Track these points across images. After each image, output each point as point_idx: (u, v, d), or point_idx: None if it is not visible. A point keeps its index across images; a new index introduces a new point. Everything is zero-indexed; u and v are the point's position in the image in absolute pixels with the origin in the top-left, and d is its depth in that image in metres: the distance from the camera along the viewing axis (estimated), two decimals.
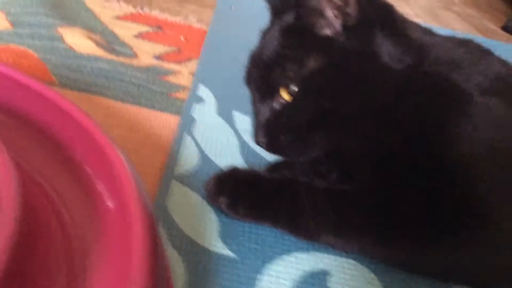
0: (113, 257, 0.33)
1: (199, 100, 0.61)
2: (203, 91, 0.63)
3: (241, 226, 0.44)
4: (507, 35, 1.45)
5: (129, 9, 0.84)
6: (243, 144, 0.55)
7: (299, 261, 0.42)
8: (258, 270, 0.40)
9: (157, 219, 0.41)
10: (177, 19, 0.85)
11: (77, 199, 0.36)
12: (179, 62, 0.70)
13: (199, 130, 0.55)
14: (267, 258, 0.41)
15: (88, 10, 0.77)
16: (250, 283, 0.39)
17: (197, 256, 0.40)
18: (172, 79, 0.65)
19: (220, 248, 0.41)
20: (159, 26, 0.80)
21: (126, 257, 0.31)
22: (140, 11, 0.84)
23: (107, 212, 0.35)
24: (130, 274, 0.30)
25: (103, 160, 0.37)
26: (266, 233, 0.44)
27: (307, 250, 0.43)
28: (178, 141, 0.53)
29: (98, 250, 0.33)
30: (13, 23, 0.66)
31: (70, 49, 0.63)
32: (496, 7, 1.69)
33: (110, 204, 0.36)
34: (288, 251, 0.43)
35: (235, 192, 0.43)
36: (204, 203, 0.45)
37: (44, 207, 0.34)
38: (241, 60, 0.46)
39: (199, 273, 0.38)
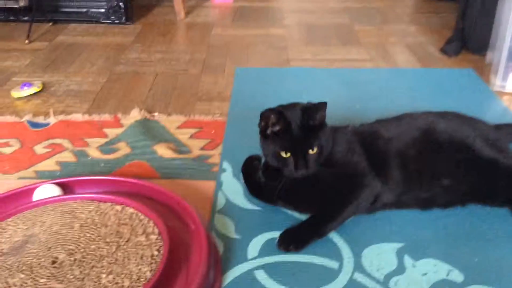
0: (196, 248, 1.00)
1: (224, 170, 1.29)
2: (226, 164, 1.31)
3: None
4: (444, 57, 2.01)
5: (182, 118, 1.54)
6: (244, 189, 1.21)
7: None
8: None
9: (211, 229, 1.09)
10: (209, 118, 1.54)
11: (183, 228, 1.03)
12: (213, 149, 1.39)
13: (225, 187, 1.22)
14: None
15: (164, 127, 1.48)
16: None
17: (228, 242, 1.06)
18: (210, 160, 1.33)
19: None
20: (201, 126, 1.49)
21: (200, 247, 0.98)
22: (188, 118, 1.54)
23: (192, 230, 1.03)
24: (203, 254, 0.96)
25: (188, 213, 1.05)
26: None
27: None
28: (215, 193, 1.20)
29: (192, 245, 1.00)
30: (131, 148, 1.37)
31: (161, 157, 1.33)
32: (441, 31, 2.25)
33: (193, 227, 1.03)
34: None
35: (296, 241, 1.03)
36: (229, 221, 1.12)
37: (178, 235, 1.02)
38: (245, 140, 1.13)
39: (231, 248, 1.05)
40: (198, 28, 2.40)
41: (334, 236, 1.05)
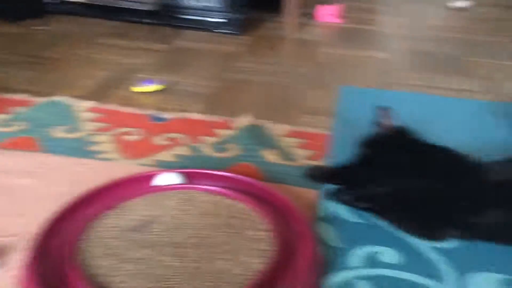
0: (302, 250, 1.03)
1: None
2: None
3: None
4: None
5: (287, 127, 1.61)
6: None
7: None
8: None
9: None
10: (313, 130, 1.60)
11: (289, 229, 1.08)
12: (317, 160, 1.44)
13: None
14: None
15: (270, 135, 1.56)
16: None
17: (329, 249, 1.10)
18: None
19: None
20: (305, 138, 1.55)
21: (306, 250, 1.02)
22: (294, 128, 1.60)
23: (298, 233, 1.08)
24: (309, 257, 1.01)
25: (296, 215, 1.11)
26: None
27: None
28: (319, 202, 1.25)
29: (298, 247, 1.05)
30: (240, 150, 1.46)
31: (268, 161, 1.41)
32: None
33: (299, 229, 1.08)
34: None
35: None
36: (331, 230, 1.16)
37: (284, 235, 1.07)
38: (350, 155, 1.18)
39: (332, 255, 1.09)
40: (305, 44, 2.47)
41: (431, 255, 1.06)
